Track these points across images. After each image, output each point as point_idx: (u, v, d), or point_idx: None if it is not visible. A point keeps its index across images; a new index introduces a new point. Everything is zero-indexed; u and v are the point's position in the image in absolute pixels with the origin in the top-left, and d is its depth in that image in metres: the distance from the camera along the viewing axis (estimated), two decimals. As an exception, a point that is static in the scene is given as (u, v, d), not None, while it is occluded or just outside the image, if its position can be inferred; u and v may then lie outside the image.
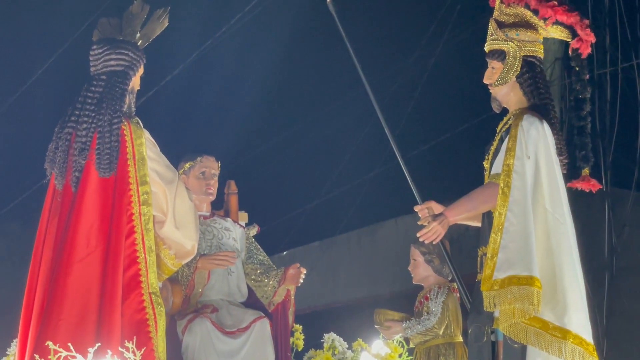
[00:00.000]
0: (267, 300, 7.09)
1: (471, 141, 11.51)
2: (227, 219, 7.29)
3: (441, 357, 6.77)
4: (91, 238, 5.55)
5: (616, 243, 11.10)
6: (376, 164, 13.77)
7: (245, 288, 7.15)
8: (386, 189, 13.83)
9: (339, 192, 14.37)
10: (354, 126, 13.75)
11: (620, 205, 11.26)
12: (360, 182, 14.28)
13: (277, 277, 7.09)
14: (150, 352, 5.42)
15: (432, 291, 6.90)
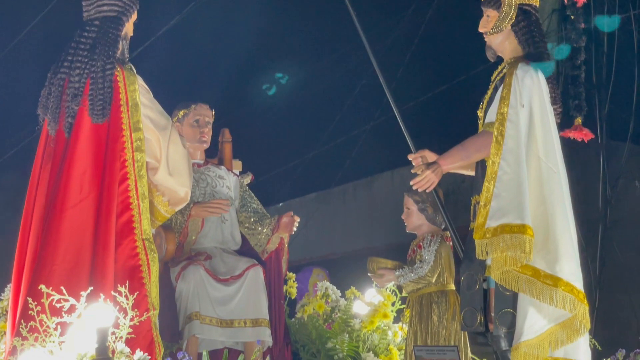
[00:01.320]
0: (261, 248, 7.11)
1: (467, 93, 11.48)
2: (221, 167, 7.29)
3: (433, 305, 6.80)
4: (84, 184, 5.54)
5: (610, 195, 11.11)
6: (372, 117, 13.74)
7: (238, 236, 7.17)
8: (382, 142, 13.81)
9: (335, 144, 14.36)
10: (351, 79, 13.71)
11: (615, 157, 11.26)
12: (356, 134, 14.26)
13: (270, 225, 7.10)
14: (143, 298, 5.43)
15: (425, 239, 6.91)
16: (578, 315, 5.75)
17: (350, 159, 14.42)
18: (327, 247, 15.19)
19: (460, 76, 12.70)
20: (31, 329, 4.88)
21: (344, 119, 13.96)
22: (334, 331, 7.11)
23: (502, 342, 5.97)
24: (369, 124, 13.92)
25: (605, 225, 11.07)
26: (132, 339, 5.05)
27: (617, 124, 11.33)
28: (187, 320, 6.54)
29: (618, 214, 11.16)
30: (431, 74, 13.49)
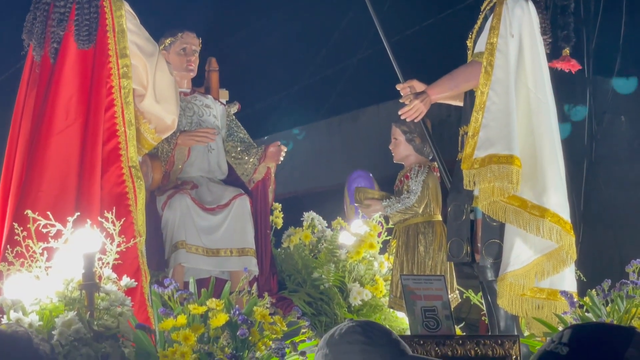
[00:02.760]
0: (247, 178, 7.08)
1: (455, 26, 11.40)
2: (207, 96, 7.24)
3: (420, 235, 6.80)
4: (70, 110, 5.49)
5: (596, 130, 11.11)
6: (359, 50, 13.66)
7: (225, 165, 7.14)
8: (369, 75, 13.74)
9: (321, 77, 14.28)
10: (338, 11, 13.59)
11: (602, 93, 11.25)
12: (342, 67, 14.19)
13: (257, 154, 7.07)
14: (129, 225, 5.41)
15: (412, 170, 6.90)
16: (564, 246, 5.79)
17: (336, 93, 14.36)
18: (313, 180, 15.17)
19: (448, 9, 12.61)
20: (17, 255, 4.86)
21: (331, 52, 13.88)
22: (319, 261, 7.12)
23: (489, 273, 5.99)
24: (356, 58, 13.85)
25: (590, 161, 11.09)
26: (118, 265, 5.04)
27: (604, 59, 11.30)
28: (173, 249, 6.54)
29: (603, 149, 11.17)
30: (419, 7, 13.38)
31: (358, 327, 2.84)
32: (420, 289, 5.30)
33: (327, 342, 2.83)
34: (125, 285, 4.82)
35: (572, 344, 1.97)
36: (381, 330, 2.87)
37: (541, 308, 5.80)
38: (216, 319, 4.75)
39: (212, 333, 4.76)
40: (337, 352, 2.78)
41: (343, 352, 2.77)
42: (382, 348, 2.78)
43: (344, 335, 2.80)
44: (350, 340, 2.78)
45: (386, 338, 2.83)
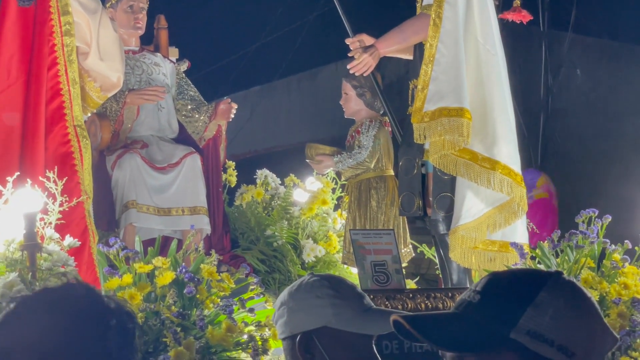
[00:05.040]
0: (198, 136, 7.01)
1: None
2: (156, 54, 7.13)
3: (372, 190, 6.77)
4: (12, 69, 5.40)
5: (552, 84, 11.12)
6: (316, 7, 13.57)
7: (175, 124, 7.06)
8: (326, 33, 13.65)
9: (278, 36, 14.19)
10: (294, -32, 13.50)
11: (557, 46, 11.25)
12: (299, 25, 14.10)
13: (208, 112, 7.00)
14: (76, 185, 5.35)
15: (363, 125, 6.84)
16: (515, 198, 5.78)
17: (293, 51, 14.28)
18: (272, 139, 15.12)
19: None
20: (-42, 216, 4.79)
21: (287, 10, 13.78)
22: (272, 218, 7.08)
23: (440, 226, 5.99)
24: (312, 15, 13.76)
25: (547, 114, 11.11)
26: (64, 226, 4.99)
27: (559, 13, 11.28)
28: (124, 209, 6.47)
29: (559, 103, 11.19)
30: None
31: (325, 280, 2.80)
32: (369, 243, 5.29)
33: (292, 295, 2.79)
34: (68, 245, 4.76)
35: (484, 290, 1.93)
36: (347, 284, 2.85)
37: (493, 260, 5.80)
38: (162, 277, 4.71)
39: (158, 292, 4.73)
40: (304, 306, 2.74)
41: (312, 305, 2.73)
42: (351, 301, 2.75)
43: (311, 289, 2.76)
44: (320, 294, 2.74)
45: (353, 291, 2.81)
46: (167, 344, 4.55)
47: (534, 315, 1.86)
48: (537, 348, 1.85)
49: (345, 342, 2.72)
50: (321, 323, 2.71)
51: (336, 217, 7.22)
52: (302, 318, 2.74)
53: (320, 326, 2.71)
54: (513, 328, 1.86)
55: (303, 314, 2.74)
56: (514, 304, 1.89)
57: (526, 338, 1.86)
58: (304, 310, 2.74)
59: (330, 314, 2.71)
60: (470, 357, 1.91)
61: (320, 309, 2.72)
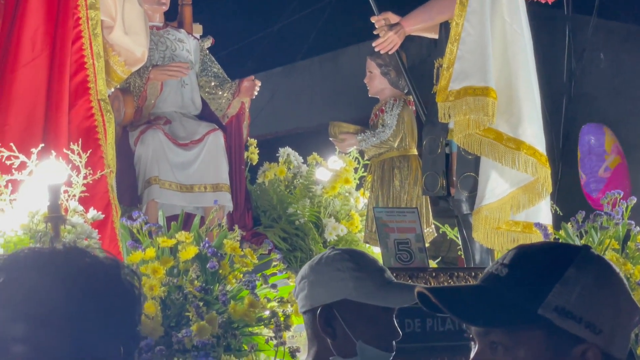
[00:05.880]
0: (221, 113, 7.01)
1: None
2: (180, 31, 7.12)
3: (395, 169, 6.75)
4: (36, 42, 5.38)
5: (575, 68, 11.06)
6: (339, -13, 13.56)
7: (199, 100, 7.05)
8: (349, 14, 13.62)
9: (301, 16, 14.16)
10: (317, -51, 13.47)
11: (581, 30, 11.19)
12: (322, 6, 14.07)
13: (231, 89, 6.99)
14: (99, 159, 5.34)
15: (387, 104, 6.82)
16: (540, 179, 5.74)
17: (316, 32, 14.25)
18: (293, 121, 15.10)
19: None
20: (-19, 187, 4.79)
21: (310, -10, 13.78)
22: (295, 197, 7.06)
23: (464, 206, 5.96)
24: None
25: (569, 98, 11.05)
26: (87, 199, 4.97)
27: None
28: (146, 184, 6.47)
29: (583, 87, 11.13)
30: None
31: (346, 254, 2.80)
32: (393, 221, 5.26)
33: (312, 269, 2.78)
34: (92, 218, 4.76)
35: (512, 264, 1.90)
36: (368, 257, 2.85)
37: (516, 241, 5.75)
38: (185, 251, 4.70)
39: (181, 266, 4.72)
40: (326, 279, 2.74)
41: (333, 278, 2.73)
42: (372, 275, 2.74)
43: (332, 263, 2.76)
44: (341, 267, 2.74)
45: (374, 265, 2.80)
46: (190, 318, 4.54)
47: (562, 292, 1.83)
48: (565, 324, 1.83)
49: (366, 315, 2.72)
50: (342, 296, 2.71)
51: (358, 196, 7.21)
52: (322, 291, 2.74)
53: (341, 299, 2.71)
54: (541, 304, 1.84)
55: (324, 287, 2.73)
56: (542, 280, 1.86)
57: (554, 314, 1.83)
58: (324, 284, 2.73)
59: (350, 287, 2.71)
60: (496, 332, 1.88)
61: (341, 282, 2.71)
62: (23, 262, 1.85)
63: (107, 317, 1.87)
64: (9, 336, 1.77)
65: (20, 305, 1.79)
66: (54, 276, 1.83)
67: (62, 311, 1.80)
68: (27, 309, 1.79)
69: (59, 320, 1.79)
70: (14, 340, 1.77)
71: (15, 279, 1.81)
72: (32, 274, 1.82)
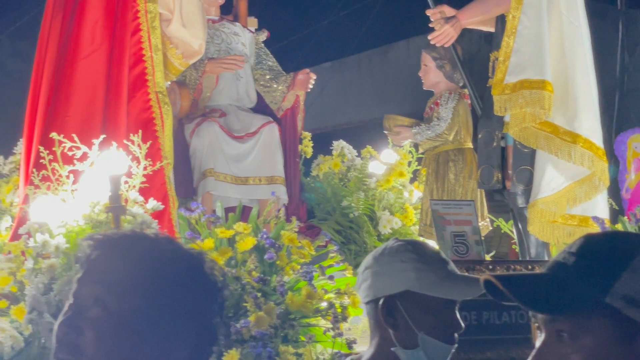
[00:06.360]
0: (276, 106, 7.03)
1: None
2: (236, 24, 7.15)
3: (450, 162, 6.74)
4: (96, 35, 5.44)
5: (628, 63, 10.97)
6: (389, -17, 13.55)
7: (254, 93, 7.08)
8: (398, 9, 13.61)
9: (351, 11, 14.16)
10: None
11: (634, 25, 11.10)
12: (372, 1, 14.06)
13: (286, 82, 7.02)
14: (157, 151, 5.38)
15: (442, 97, 6.81)
16: (597, 172, 5.70)
17: (365, 27, 14.24)
18: (342, 116, 15.12)
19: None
20: (43, 178, 4.85)
21: (360, -14, 13.77)
22: (349, 189, 7.07)
23: (519, 200, 5.93)
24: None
25: (622, 93, 10.96)
26: (145, 190, 5.02)
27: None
28: (202, 177, 6.51)
29: (635, 82, 11.04)
30: None
31: (409, 245, 2.80)
32: (449, 214, 5.25)
33: (376, 259, 2.79)
34: (152, 208, 4.80)
35: (579, 252, 1.90)
36: (431, 249, 2.84)
37: (572, 235, 5.72)
38: (243, 242, 4.73)
39: (239, 257, 4.75)
40: (389, 270, 2.74)
41: (396, 269, 2.73)
42: (434, 266, 2.75)
43: (395, 254, 2.76)
44: (404, 259, 2.74)
45: (437, 257, 2.80)
46: (248, 309, 4.56)
47: (629, 280, 1.82)
48: (632, 313, 1.82)
49: (428, 307, 2.71)
50: (404, 287, 2.71)
51: (412, 189, 7.20)
52: (385, 282, 2.74)
53: (403, 290, 2.71)
54: (608, 292, 1.82)
55: (386, 278, 2.73)
56: (609, 268, 1.85)
57: (621, 303, 1.82)
58: (387, 274, 2.73)
59: (413, 278, 2.71)
60: (562, 320, 1.88)
61: (404, 273, 2.71)
62: (115, 242, 2.02)
63: (182, 302, 1.98)
64: (90, 299, 1.94)
65: (105, 277, 1.96)
66: (138, 257, 1.99)
67: (140, 288, 1.95)
68: (110, 280, 1.95)
69: (134, 295, 1.94)
70: (94, 303, 1.94)
71: (105, 254, 1.99)
72: (120, 252, 1.99)
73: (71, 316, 1.96)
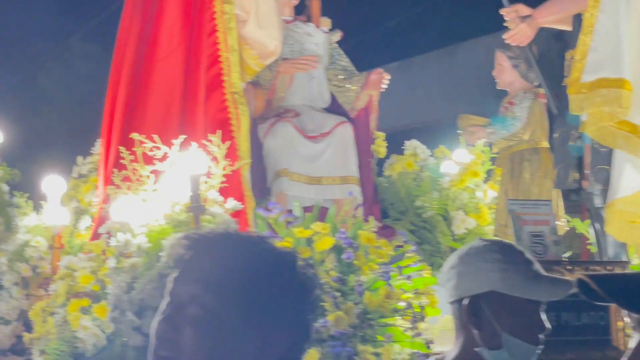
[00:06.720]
0: (350, 106, 7.03)
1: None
2: (309, 24, 7.16)
3: (525, 162, 6.70)
4: (173, 37, 5.50)
5: None
6: (457, -18, 13.49)
7: (327, 93, 7.09)
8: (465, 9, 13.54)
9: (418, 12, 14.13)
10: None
11: None
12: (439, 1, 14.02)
13: (359, 82, 7.02)
14: (233, 152, 5.42)
15: (517, 96, 6.77)
16: (677, 172, 5.62)
17: (432, 28, 14.20)
18: (408, 116, 15.08)
19: None
20: (124, 178, 4.90)
21: (428, -14, 13.73)
22: (422, 189, 7.04)
23: (597, 199, 5.86)
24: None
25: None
26: (223, 190, 5.06)
27: None
28: (275, 176, 6.53)
29: None
30: None
31: (494, 245, 2.79)
32: (527, 213, 5.22)
33: (461, 259, 2.78)
34: (232, 208, 4.83)
35: None
36: (517, 249, 2.82)
37: (651, 235, 5.66)
38: (322, 242, 4.74)
39: (317, 257, 4.76)
40: (473, 270, 2.73)
41: (481, 269, 2.72)
42: (519, 267, 2.73)
43: (480, 254, 2.75)
44: (489, 259, 2.73)
45: (522, 257, 2.78)
46: (326, 308, 4.57)
47: None
48: None
49: (513, 308, 2.70)
50: (489, 287, 2.70)
51: (487, 189, 7.15)
52: (469, 282, 2.73)
53: (488, 290, 2.70)
54: None
55: (471, 278, 2.73)
56: None
57: None
58: (472, 274, 2.72)
59: (498, 278, 2.69)
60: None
61: (488, 273, 2.70)
62: (212, 241, 2.05)
63: (278, 300, 2.01)
64: (188, 298, 1.98)
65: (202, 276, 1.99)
66: (234, 256, 2.02)
67: (236, 287, 1.98)
68: (207, 279, 1.98)
69: (232, 294, 1.97)
70: (191, 301, 1.97)
71: (203, 253, 2.02)
72: (217, 251, 2.02)
73: (170, 314, 1.99)
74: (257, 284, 1.99)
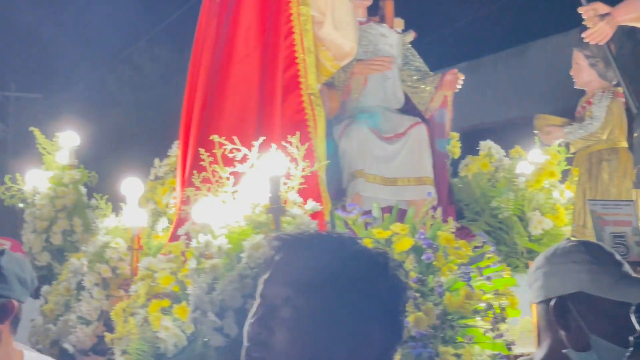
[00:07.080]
0: (424, 107, 7.00)
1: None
2: (382, 25, 7.15)
3: (604, 162, 6.61)
4: (250, 39, 5.53)
5: None
6: (526, -18, 13.42)
7: (401, 94, 7.07)
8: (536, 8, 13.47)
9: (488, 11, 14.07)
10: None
11: None
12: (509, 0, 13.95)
13: (434, 83, 6.99)
14: (309, 153, 5.43)
15: (595, 95, 6.69)
16: None
17: (502, 27, 14.14)
18: (478, 116, 15.01)
19: None
20: (203, 180, 4.93)
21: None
22: (498, 190, 6.99)
23: (677, 200, 5.79)
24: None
25: None
26: (301, 191, 5.06)
27: None
28: (351, 177, 6.52)
29: None
30: None
31: (582, 246, 2.75)
32: (608, 214, 5.16)
33: (547, 260, 2.76)
34: (311, 209, 4.84)
35: None
36: (606, 250, 2.78)
37: None
38: (401, 243, 4.73)
39: (396, 258, 4.74)
40: (561, 271, 2.71)
41: (569, 270, 2.69)
42: (608, 268, 2.70)
43: (567, 254, 2.72)
44: (576, 259, 2.70)
45: (611, 258, 2.74)
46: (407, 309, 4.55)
47: None
48: None
49: (601, 309, 2.66)
50: (576, 288, 2.66)
51: (563, 189, 7.08)
52: (557, 282, 2.70)
53: (576, 291, 2.66)
54: None
55: (558, 279, 2.69)
56: None
57: None
58: (559, 275, 2.69)
59: (586, 279, 2.66)
60: None
61: (576, 274, 2.67)
62: (302, 243, 2.06)
63: (371, 301, 2.00)
64: (280, 300, 1.99)
65: (294, 277, 2.00)
66: (326, 257, 2.02)
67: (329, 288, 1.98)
68: (299, 281, 1.99)
69: (324, 295, 1.98)
70: (284, 303, 1.98)
71: (293, 255, 2.03)
72: (309, 252, 2.03)
73: (262, 316, 2.00)
74: (351, 286, 1.99)
